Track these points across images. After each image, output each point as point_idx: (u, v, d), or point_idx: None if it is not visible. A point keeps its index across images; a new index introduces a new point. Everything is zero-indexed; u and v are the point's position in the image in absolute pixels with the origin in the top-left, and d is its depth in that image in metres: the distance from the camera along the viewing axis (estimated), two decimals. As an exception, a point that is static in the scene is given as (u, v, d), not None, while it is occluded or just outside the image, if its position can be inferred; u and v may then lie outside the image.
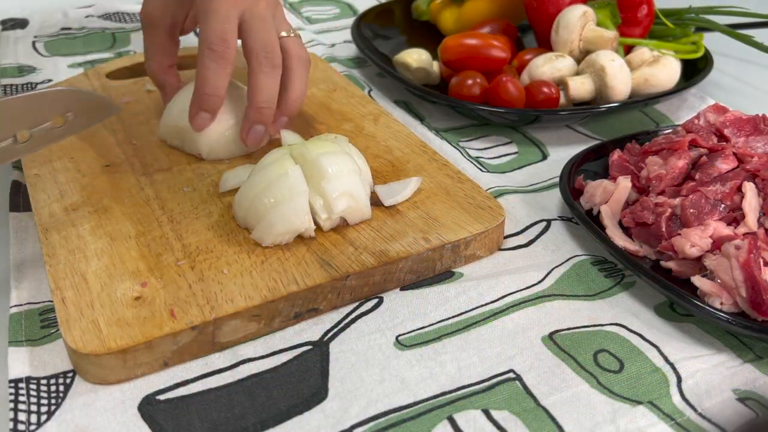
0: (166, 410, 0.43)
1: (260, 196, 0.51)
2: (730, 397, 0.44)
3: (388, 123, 0.68)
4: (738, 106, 0.67)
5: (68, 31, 0.94)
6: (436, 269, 0.53)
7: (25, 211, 0.58)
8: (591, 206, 0.57)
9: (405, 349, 0.47)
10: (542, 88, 0.70)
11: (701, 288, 0.48)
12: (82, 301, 0.47)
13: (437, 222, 0.54)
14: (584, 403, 0.43)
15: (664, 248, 0.51)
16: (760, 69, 0.86)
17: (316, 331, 0.48)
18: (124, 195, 0.57)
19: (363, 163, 0.56)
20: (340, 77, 0.77)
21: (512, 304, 0.51)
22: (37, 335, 0.47)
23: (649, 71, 0.73)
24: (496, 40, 0.74)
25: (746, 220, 0.51)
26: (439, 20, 0.90)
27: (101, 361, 0.43)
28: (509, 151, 0.69)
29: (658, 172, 0.56)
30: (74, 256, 0.50)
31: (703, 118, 0.61)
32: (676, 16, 0.83)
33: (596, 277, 0.53)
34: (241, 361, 0.46)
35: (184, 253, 0.51)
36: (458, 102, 0.70)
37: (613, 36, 0.73)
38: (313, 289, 0.48)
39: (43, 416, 0.42)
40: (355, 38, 0.84)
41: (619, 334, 0.48)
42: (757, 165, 0.54)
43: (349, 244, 0.52)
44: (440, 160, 0.62)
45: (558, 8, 0.77)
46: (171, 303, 0.46)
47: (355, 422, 0.42)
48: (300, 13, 1.03)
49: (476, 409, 0.43)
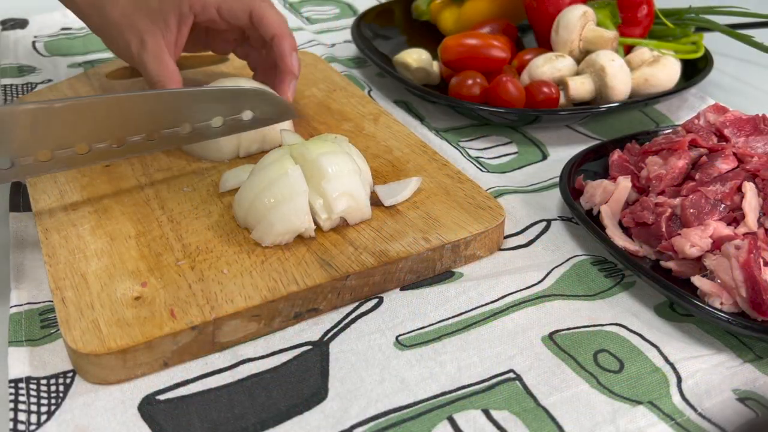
0: (166, 410, 0.43)
1: (260, 196, 0.51)
2: (730, 397, 0.44)
3: (388, 123, 0.68)
4: (738, 106, 0.67)
5: (68, 31, 0.94)
6: (436, 269, 0.53)
7: (25, 211, 0.58)
8: (591, 206, 0.57)
9: (405, 349, 0.47)
10: (542, 88, 0.70)
11: (701, 288, 0.48)
12: (82, 301, 0.47)
13: (437, 222, 0.54)
14: (584, 403, 0.43)
15: (664, 248, 0.51)
16: (760, 69, 0.86)
17: (316, 331, 0.48)
18: (124, 195, 0.57)
19: (363, 163, 0.56)
20: (340, 77, 0.77)
21: (512, 304, 0.51)
22: (37, 335, 0.47)
23: (649, 71, 0.73)
24: (496, 40, 0.74)
25: (746, 220, 0.51)
26: (439, 20, 0.89)
27: (101, 361, 0.43)
28: (509, 151, 0.69)
29: (658, 172, 0.56)
30: (74, 256, 0.50)
31: (703, 118, 0.61)
32: (676, 16, 0.83)
33: (596, 277, 0.53)
34: (241, 361, 0.46)
35: (184, 253, 0.51)
36: (458, 102, 0.70)
37: (613, 36, 0.73)
38: (313, 289, 0.48)
39: (43, 416, 0.42)
40: (355, 38, 0.84)
41: (619, 334, 0.48)
42: (757, 165, 0.54)
43: (349, 244, 0.52)
44: (440, 160, 0.62)
45: (558, 8, 0.77)
46: (171, 303, 0.46)
47: (355, 422, 0.42)
48: (300, 13, 1.03)
49: (476, 409, 0.43)
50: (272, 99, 0.60)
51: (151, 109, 0.55)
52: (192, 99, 0.56)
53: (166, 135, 0.56)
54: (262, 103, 0.59)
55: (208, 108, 0.57)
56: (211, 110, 0.57)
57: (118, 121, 0.54)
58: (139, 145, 0.56)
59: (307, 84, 0.75)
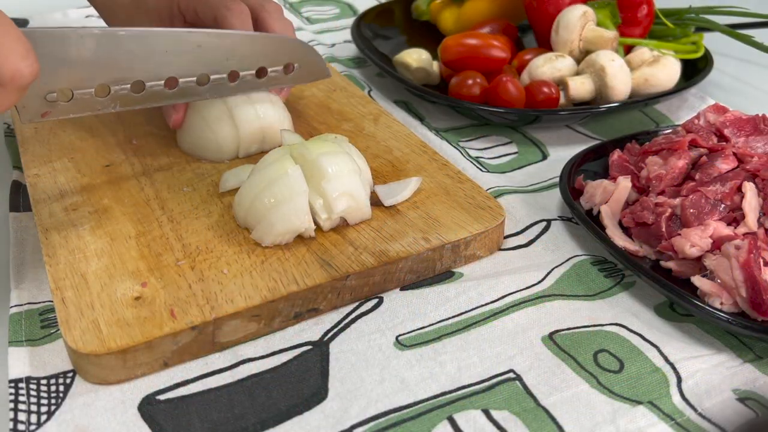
0: (166, 410, 0.43)
1: (260, 196, 0.51)
2: (730, 397, 0.44)
3: (388, 123, 0.68)
4: (738, 106, 0.67)
5: (68, 31, 0.94)
6: (436, 269, 0.53)
7: (25, 211, 0.58)
8: (591, 206, 0.57)
9: (405, 349, 0.47)
10: (542, 88, 0.70)
11: (701, 288, 0.48)
12: (82, 301, 0.47)
13: (437, 222, 0.54)
14: (584, 403, 0.43)
15: (664, 248, 0.51)
16: (760, 69, 0.86)
17: (316, 331, 0.48)
18: (124, 195, 0.57)
19: (363, 163, 0.56)
20: (340, 77, 0.77)
21: (512, 304, 0.51)
22: (37, 335, 0.47)
23: (649, 71, 0.73)
24: (496, 40, 0.74)
25: (746, 220, 0.51)
26: (439, 20, 0.90)
27: (101, 361, 0.43)
28: (509, 151, 0.69)
29: (658, 172, 0.56)
30: (74, 256, 0.50)
31: (703, 118, 0.61)
32: (676, 16, 0.83)
33: (596, 277, 0.53)
34: (241, 361, 0.46)
35: (184, 253, 0.51)
36: (458, 102, 0.70)
37: (613, 36, 0.73)
38: (313, 289, 0.48)
39: (43, 416, 0.42)
40: (355, 38, 0.84)
41: (619, 334, 0.48)
42: (757, 165, 0.54)
43: (349, 244, 0.52)
44: (440, 160, 0.62)
45: (558, 8, 0.77)
46: (171, 303, 0.46)
47: (355, 422, 0.42)
48: (300, 13, 1.03)
49: (476, 409, 0.43)
50: (314, 54, 0.62)
51: (203, 47, 0.55)
52: (241, 42, 0.57)
53: (215, 82, 0.57)
54: (306, 56, 0.62)
55: (253, 54, 0.58)
56: (256, 58, 0.59)
57: (174, 58, 0.55)
58: (191, 89, 0.57)
59: (307, 84, 0.75)
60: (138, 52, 0.52)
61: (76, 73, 0.50)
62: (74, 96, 0.51)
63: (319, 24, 0.99)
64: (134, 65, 0.53)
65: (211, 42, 0.56)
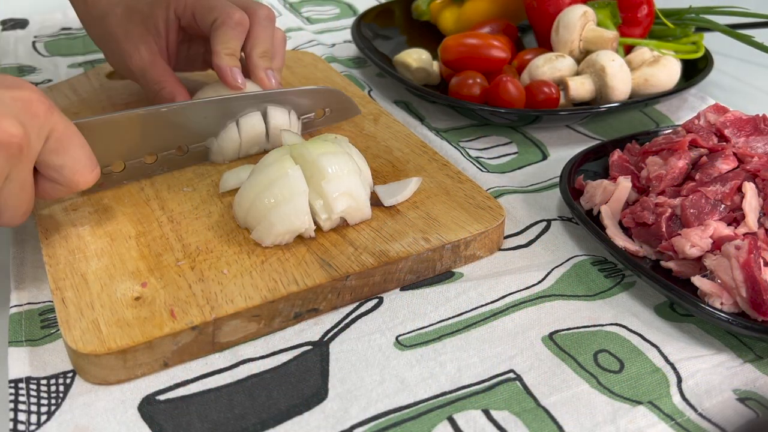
0: (166, 410, 0.43)
1: (260, 197, 0.51)
2: (730, 397, 0.44)
3: (388, 123, 0.68)
4: (738, 106, 0.67)
5: (68, 31, 0.94)
6: (436, 269, 0.53)
7: (25, 211, 0.58)
8: (591, 206, 0.57)
9: (405, 350, 0.47)
10: (542, 88, 0.70)
11: (701, 288, 0.48)
12: (82, 301, 0.47)
13: (437, 222, 0.54)
14: (584, 403, 0.43)
15: (664, 248, 0.51)
16: (760, 69, 0.86)
17: (316, 331, 0.48)
18: (124, 195, 0.57)
19: (363, 164, 0.56)
20: (340, 77, 0.77)
21: (512, 304, 0.51)
22: (37, 335, 0.47)
23: (649, 71, 0.73)
24: (496, 40, 0.74)
25: (746, 220, 0.51)
26: (439, 20, 0.90)
27: (101, 361, 0.43)
28: (509, 151, 0.69)
29: (658, 172, 0.56)
30: (74, 256, 0.50)
31: (703, 118, 0.61)
32: (676, 16, 0.83)
33: (596, 277, 0.53)
34: (241, 361, 0.46)
35: (184, 253, 0.51)
36: (458, 102, 0.70)
37: (613, 36, 0.73)
38: (313, 289, 0.48)
39: (43, 416, 0.42)
40: (355, 38, 0.84)
41: (619, 334, 0.48)
42: (757, 165, 0.54)
43: (349, 244, 0.52)
44: (440, 160, 0.62)
45: (558, 8, 0.77)
46: (171, 303, 0.46)
47: (355, 422, 0.42)
48: (300, 13, 1.03)
49: (476, 409, 0.43)
50: (344, 97, 0.66)
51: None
52: (270, 99, 0.61)
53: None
54: (337, 101, 0.66)
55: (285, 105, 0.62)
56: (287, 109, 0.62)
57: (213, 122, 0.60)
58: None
59: (308, 84, 0.75)
60: (180, 122, 0.58)
61: (127, 149, 0.57)
62: (126, 167, 0.57)
63: (319, 24, 0.99)
64: (177, 133, 0.59)
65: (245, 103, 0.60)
